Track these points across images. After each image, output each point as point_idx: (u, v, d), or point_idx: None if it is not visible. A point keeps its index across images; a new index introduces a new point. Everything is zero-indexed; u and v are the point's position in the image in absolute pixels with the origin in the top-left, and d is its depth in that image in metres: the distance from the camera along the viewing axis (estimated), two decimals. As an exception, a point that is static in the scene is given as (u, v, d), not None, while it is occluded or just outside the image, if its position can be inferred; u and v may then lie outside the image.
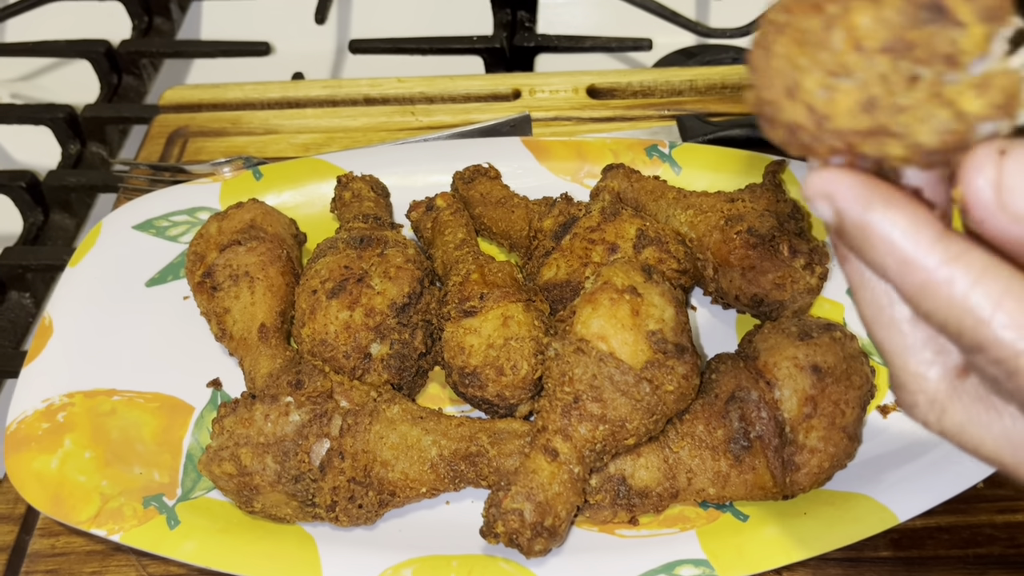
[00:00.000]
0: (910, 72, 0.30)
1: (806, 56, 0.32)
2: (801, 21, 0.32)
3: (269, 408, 0.59)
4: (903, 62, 0.30)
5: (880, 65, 0.30)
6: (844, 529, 0.58)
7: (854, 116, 0.31)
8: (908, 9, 0.30)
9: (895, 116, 0.31)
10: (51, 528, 0.63)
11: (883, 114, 0.31)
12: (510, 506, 0.54)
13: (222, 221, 0.71)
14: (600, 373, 0.56)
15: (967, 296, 0.29)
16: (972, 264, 0.29)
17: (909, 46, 0.30)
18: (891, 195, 0.31)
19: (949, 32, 0.30)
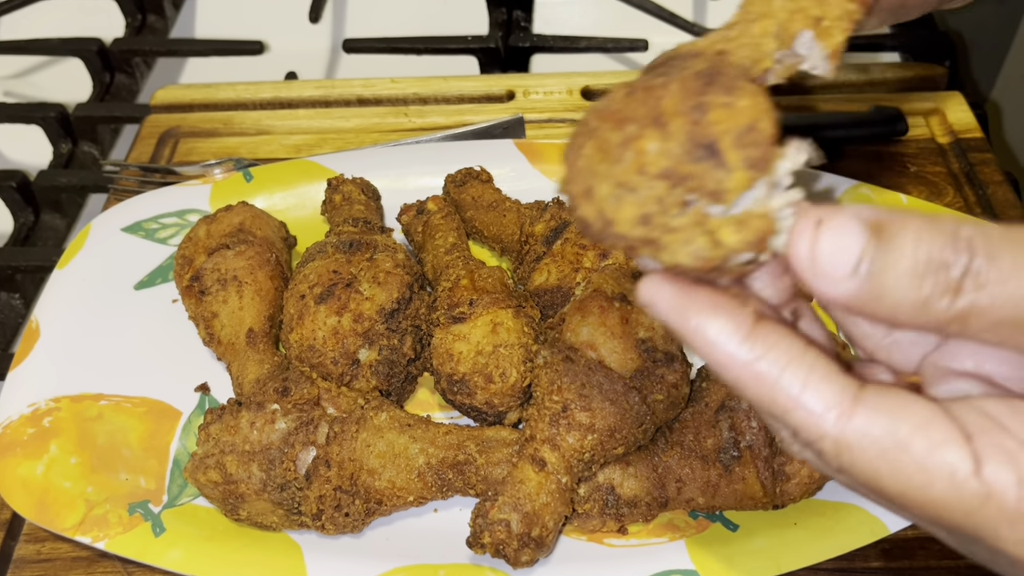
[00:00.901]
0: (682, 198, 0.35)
1: (604, 165, 0.36)
2: (605, 132, 0.36)
3: (255, 415, 0.58)
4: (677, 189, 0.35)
5: (657, 188, 0.35)
6: (835, 539, 0.57)
7: (633, 226, 0.35)
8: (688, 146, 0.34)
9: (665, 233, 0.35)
10: (37, 534, 0.62)
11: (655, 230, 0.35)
12: (497, 516, 0.54)
13: (211, 224, 0.71)
14: (589, 382, 0.56)
15: (777, 382, 0.32)
16: (780, 354, 0.32)
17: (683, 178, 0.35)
18: (705, 302, 0.33)
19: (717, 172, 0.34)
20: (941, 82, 0.93)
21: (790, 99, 0.91)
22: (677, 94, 0.35)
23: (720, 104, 0.35)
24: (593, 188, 0.36)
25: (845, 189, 0.76)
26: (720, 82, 0.35)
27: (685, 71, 0.36)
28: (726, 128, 0.34)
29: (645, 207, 0.35)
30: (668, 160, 0.35)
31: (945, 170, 0.83)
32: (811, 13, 0.38)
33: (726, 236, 0.35)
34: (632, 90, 0.37)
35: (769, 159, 0.35)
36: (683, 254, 0.35)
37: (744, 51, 0.37)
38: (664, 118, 0.35)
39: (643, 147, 0.35)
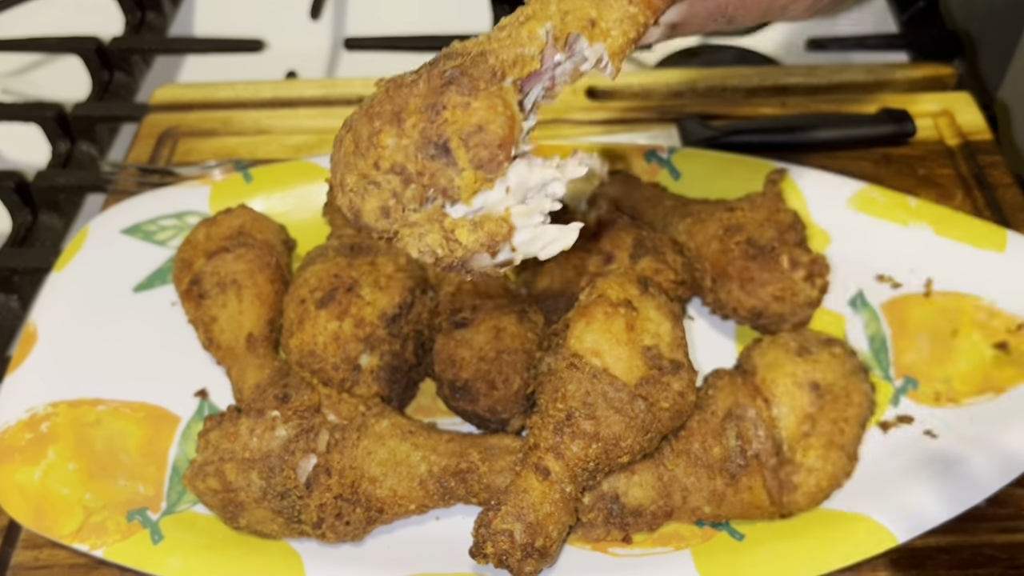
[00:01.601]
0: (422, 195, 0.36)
1: (354, 156, 0.37)
2: (359, 126, 0.38)
3: (255, 422, 0.57)
4: (413, 185, 0.36)
5: (393, 183, 0.36)
6: (842, 550, 0.56)
7: (376, 218, 0.37)
8: (421, 143, 0.36)
9: (403, 227, 0.37)
10: (34, 540, 0.61)
11: (395, 223, 0.37)
12: (500, 526, 0.53)
13: (210, 227, 0.70)
14: (594, 390, 0.55)
15: None
16: None
17: (416, 174, 0.36)
18: None
19: (448, 171, 0.36)
20: (950, 82, 0.92)
21: (797, 99, 0.90)
22: (420, 93, 0.36)
23: (456, 104, 0.36)
24: (345, 179, 0.38)
25: (853, 191, 0.75)
26: (461, 82, 0.36)
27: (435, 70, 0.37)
28: (458, 128, 0.35)
29: (384, 200, 0.37)
30: (402, 156, 0.36)
31: (954, 172, 0.82)
32: (585, 15, 0.38)
33: (462, 235, 0.36)
34: (390, 85, 0.38)
35: (498, 160, 0.35)
36: (415, 248, 0.37)
37: (506, 53, 0.37)
38: (404, 115, 0.36)
39: (382, 142, 0.36)
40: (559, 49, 0.38)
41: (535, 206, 0.37)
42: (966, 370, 0.66)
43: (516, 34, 0.38)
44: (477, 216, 0.37)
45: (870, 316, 0.70)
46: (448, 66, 0.37)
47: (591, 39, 0.38)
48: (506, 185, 0.36)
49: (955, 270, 0.71)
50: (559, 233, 0.39)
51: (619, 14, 0.38)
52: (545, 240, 0.38)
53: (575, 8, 0.38)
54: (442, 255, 0.37)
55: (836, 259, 0.73)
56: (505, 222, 0.37)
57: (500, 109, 0.36)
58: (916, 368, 0.67)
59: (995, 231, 0.72)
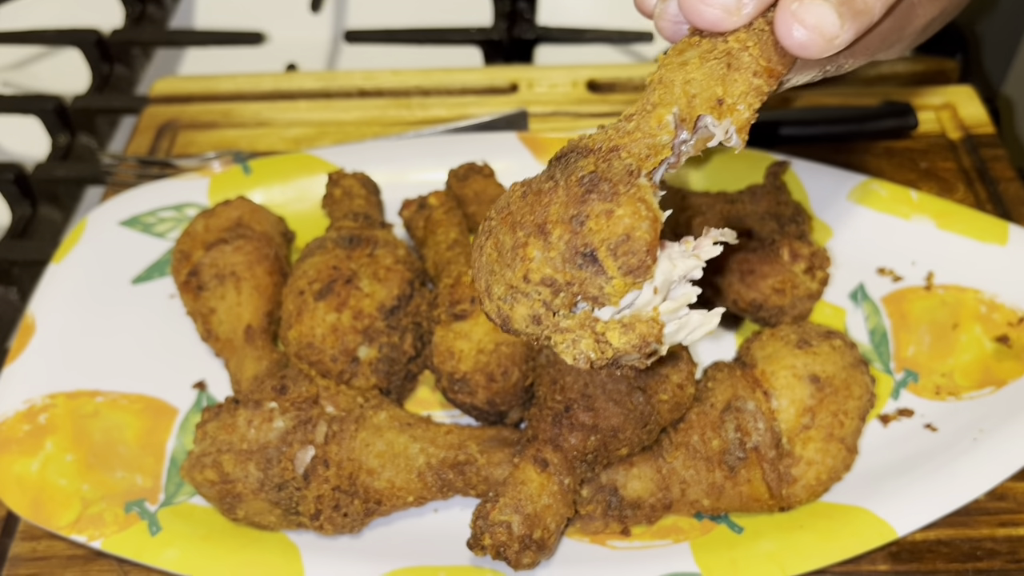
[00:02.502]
0: (570, 301, 0.37)
1: (498, 266, 0.38)
2: (501, 234, 0.38)
3: (252, 414, 0.57)
4: (563, 294, 0.37)
5: (544, 293, 0.37)
6: (841, 543, 0.56)
7: (527, 324, 0.38)
8: (568, 254, 0.36)
9: (555, 333, 0.38)
10: (32, 532, 0.61)
11: (547, 329, 0.38)
12: (498, 518, 0.53)
13: (209, 219, 0.70)
14: (592, 382, 0.55)
15: None
16: None
17: (566, 284, 0.37)
18: None
19: (598, 279, 0.36)
20: (952, 76, 0.92)
21: (798, 93, 0.90)
22: (561, 202, 0.37)
23: (599, 213, 0.36)
24: (491, 287, 0.39)
25: (855, 185, 0.75)
26: (601, 189, 0.36)
27: (571, 175, 0.37)
28: (604, 237, 0.36)
29: (535, 309, 0.38)
30: (550, 268, 0.37)
31: (956, 166, 0.82)
32: (712, 95, 0.38)
33: (613, 338, 0.37)
34: (526, 191, 0.39)
35: (647, 266, 0.36)
36: (569, 354, 0.38)
37: (637, 147, 0.38)
38: (548, 227, 0.37)
39: (529, 255, 0.37)
40: (687, 129, 0.38)
41: (680, 299, 0.38)
42: (967, 363, 0.66)
43: (645, 125, 0.38)
44: (626, 317, 0.37)
45: (871, 309, 0.70)
46: (584, 170, 0.37)
47: (719, 117, 0.38)
48: (653, 286, 0.37)
49: (956, 263, 0.70)
50: (703, 319, 0.39)
51: (744, 87, 0.38)
52: (690, 328, 0.39)
53: (702, 90, 0.38)
54: (595, 359, 0.38)
55: (837, 252, 0.73)
56: (655, 322, 0.37)
57: (644, 213, 0.36)
58: (917, 361, 0.66)
59: (997, 224, 0.71)
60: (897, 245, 0.72)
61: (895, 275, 0.71)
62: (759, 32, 0.39)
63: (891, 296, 0.70)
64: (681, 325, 0.38)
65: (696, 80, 0.38)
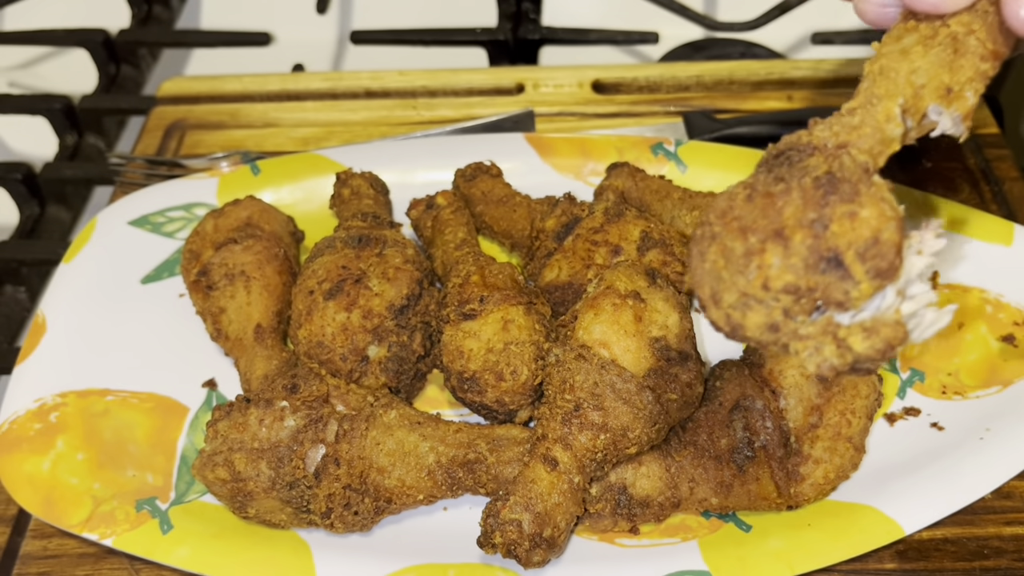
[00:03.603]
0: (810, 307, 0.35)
1: (728, 273, 0.37)
2: (728, 239, 0.37)
3: (264, 412, 0.57)
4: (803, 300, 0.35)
5: (784, 301, 0.35)
6: (849, 541, 0.56)
7: (762, 332, 0.37)
8: (812, 260, 0.35)
9: (793, 340, 0.36)
10: (43, 530, 0.62)
11: (784, 336, 0.36)
12: (508, 516, 0.53)
13: (218, 218, 0.70)
14: (602, 381, 0.55)
15: None
16: None
17: (808, 290, 0.35)
18: None
19: (843, 284, 0.35)
20: (956, 76, 0.92)
21: (803, 93, 0.90)
22: (798, 205, 0.35)
23: (842, 215, 0.34)
24: (719, 294, 0.37)
25: (860, 185, 0.75)
26: (841, 190, 0.35)
27: (804, 177, 0.36)
28: (849, 241, 0.34)
29: (772, 317, 0.36)
30: (792, 275, 0.35)
31: (961, 166, 0.82)
32: (940, 83, 0.37)
33: (855, 343, 0.35)
34: (752, 194, 0.37)
35: (895, 268, 0.34)
36: (811, 362, 0.36)
37: (867, 142, 0.36)
38: (786, 232, 0.35)
39: (767, 261, 0.35)
40: (912, 120, 0.37)
41: (920, 300, 0.36)
42: (973, 363, 0.66)
43: (872, 119, 0.37)
44: (867, 322, 0.36)
45: (877, 309, 0.70)
46: (817, 170, 0.36)
47: (947, 105, 0.37)
48: (896, 288, 0.35)
49: (962, 263, 0.71)
50: (936, 317, 0.38)
51: (971, 73, 0.37)
52: (924, 326, 0.37)
53: (930, 79, 0.37)
54: (837, 363, 0.36)
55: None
56: (900, 325, 0.36)
57: (889, 214, 0.35)
58: (923, 360, 0.67)
59: (1002, 224, 0.72)
60: (903, 245, 0.72)
61: (901, 275, 0.72)
62: (983, 14, 0.37)
63: (897, 296, 0.71)
64: (917, 324, 0.37)
65: (922, 69, 0.37)
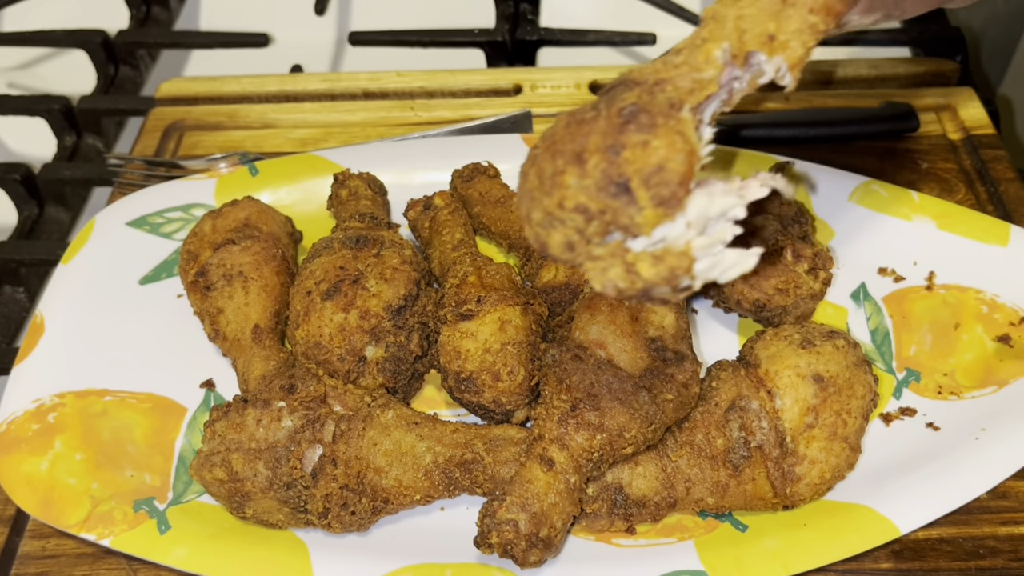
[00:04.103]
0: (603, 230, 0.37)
1: (538, 192, 0.39)
2: (543, 161, 0.39)
3: (261, 413, 0.58)
4: (595, 222, 0.37)
5: (576, 220, 0.38)
6: (845, 541, 0.57)
7: (561, 251, 0.39)
8: (603, 182, 0.36)
9: (587, 260, 0.38)
10: (41, 530, 0.62)
11: (579, 256, 0.38)
12: (505, 516, 0.53)
13: (216, 219, 0.70)
14: (598, 381, 0.55)
15: None
16: None
17: (598, 212, 0.37)
18: None
19: (629, 209, 0.36)
20: (952, 78, 0.92)
21: (800, 93, 0.91)
22: (600, 131, 0.37)
23: (635, 143, 0.36)
24: (531, 213, 0.39)
25: (856, 186, 0.75)
26: (640, 120, 0.36)
27: (613, 106, 0.37)
28: (638, 168, 0.36)
29: (569, 236, 0.38)
30: (584, 196, 0.37)
31: (957, 167, 0.82)
32: (764, 31, 0.38)
33: (643, 269, 0.37)
34: (570, 120, 0.39)
35: (678, 198, 0.36)
36: (598, 281, 0.38)
37: (683, 80, 0.38)
38: (585, 155, 0.37)
39: (565, 181, 0.37)
40: (737, 66, 0.38)
41: (715, 236, 0.37)
42: (968, 363, 0.66)
43: (693, 59, 0.38)
44: (658, 249, 0.37)
45: (872, 309, 0.70)
46: (626, 101, 0.37)
47: (770, 53, 0.38)
48: (686, 219, 0.36)
49: (958, 264, 0.71)
50: (738, 258, 0.39)
51: (798, 25, 0.38)
52: (725, 266, 0.38)
53: (752, 26, 0.38)
54: (624, 287, 0.38)
55: (839, 252, 0.73)
56: (685, 255, 0.37)
57: (679, 146, 0.36)
58: (918, 361, 0.67)
59: (998, 225, 0.72)
60: (898, 245, 0.73)
61: (896, 275, 0.72)
62: None
63: (892, 296, 0.71)
64: (716, 262, 0.38)
65: (749, 15, 0.38)
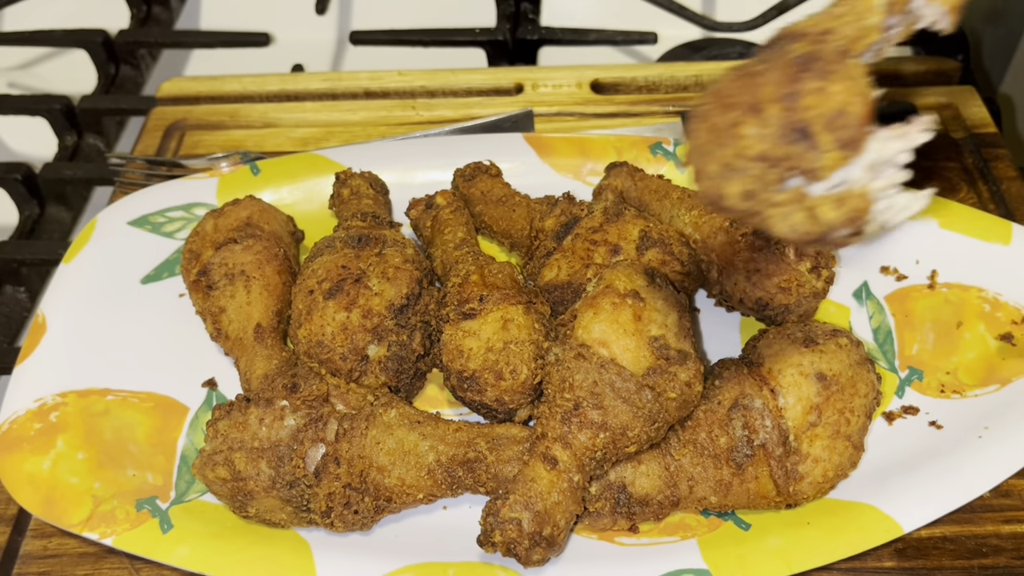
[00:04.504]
0: (783, 176, 0.39)
1: (713, 146, 0.40)
2: (715, 116, 0.40)
3: (264, 412, 0.58)
4: (775, 169, 0.39)
5: (756, 168, 0.39)
6: (847, 539, 0.57)
7: (739, 200, 0.40)
8: (783, 130, 0.38)
9: (767, 207, 0.40)
10: (44, 529, 0.62)
11: (759, 204, 0.40)
12: (508, 515, 0.53)
13: (218, 218, 0.70)
14: (601, 380, 0.55)
15: None
16: None
17: (779, 159, 0.38)
18: None
19: (811, 154, 0.38)
20: (954, 76, 0.92)
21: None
22: (774, 81, 0.39)
23: (813, 90, 0.38)
24: (706, 166, 0.40)
25: (858, 185, 0.75)
26: (815, 67, 0.38)
27: (784, 56, 0.39)
28: (818, 113, 0.37)
29: (748, 184, 0.39)
30: (765, 144, 0.38)
31: (959, 165, 0.82)
32: None
33: (823, 212, 0.39)
34: (739, 75, 0.40)
35: (859, 140, 0.37)
36: (781, 227, 0.40)
37: (848, 28, 0.39)
38: (762, 105, 0.38)
39: (743, 132, 0.39)
40: (895, 14, 0.39)
41: (890, 178, 0.39)
42: (971, 361, 0.66)
43: (855, 8, 0.39)
44: (837, 193, 0.38)
45: (875, 307, 0.70)
46: (796, 51, 0.39)
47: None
48: (863, 163, 0.38)
49: (960, 262, 0.71)
50: (911, 200, 0.40)
51: None
52: (898, 208, 0.40)
53: None
54: (806, 231, 0.39)
55: (841, 251, 0.73)
56: (865, 197, 0.38)
57: (856, 90, 0.37)
58: (921, 359, 0.67)
59: (1000, 224, 0.72)
60: (901, 244, 0.73)
61: (899, 274, 0.72)
62: None
63: (895, 294, 0.71)
64: (890, 204, 0.39)
65: None
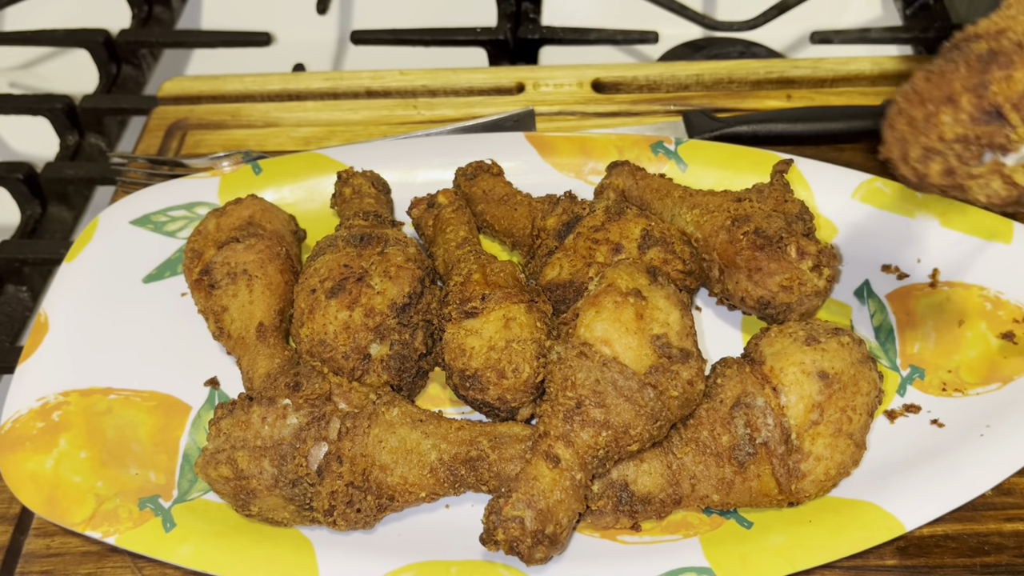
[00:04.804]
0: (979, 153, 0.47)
1: (912, 135, 0.49)
2: (912, 110, 0.49)
3: (266, 411, 0.58)
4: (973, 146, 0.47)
5: (955, 148, 0.47)
6: (850, 537, 0.57)
7: (941, 178, 0.48)
8: (977, 114, 0.46)
9: (967, 180, 0.48)
10: (46, 528, 0.62)
11: (959, 178, 0.48)
12: (511, 513, 0.53)
13: (220, 218, 0.70)
14: (603, 378, 0.55)
15: None
16: None
17: (975, 138, 0.47)
18: None
19: (1004, 130, 0.46)
20: None
21: (802, 92, 0.91)
22: (964, 76, 0.47)
23: (999, 78, 0.45)
24: (907, 153, 0.49)
25: (859, 183, 0.75)
26: (999, 60, 0.45)
27: (968, 55, 0.46)
28: (1006, 96, 0.45)
29: (949, 163, 0.47)
30: (962, 128, 0.47)
31: (960, 164, 0.82)
32: None
33: (1019, 177, 0.46)
34: (929, 75, 0.49)
35: None
36: (982, 195, 0.47)
37: (1021, 26, 0.46)
38: (956, 96, 0.47)
39: (942, 120, 0.47)
40: None
41: None
42: (972, 360, 0.66)
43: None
44: None
45: (876, 306, 0.70)
46: (979, 49, 0.46)
47: None
48: None
49: (961, 261, 0.71)
50: None
51: None
52: None
53: None
54: (1005, 195, 0.47)
55: (843, 249, 0.73)
56: None
57: None
58: (922, 358, 0.67)
59: (1002, 223, 0.72)
60: (902, 242, 0.73)
61: (900, 272, 0.72)
62: None
63: (896, 293, 0.71)
64: None
65: None
